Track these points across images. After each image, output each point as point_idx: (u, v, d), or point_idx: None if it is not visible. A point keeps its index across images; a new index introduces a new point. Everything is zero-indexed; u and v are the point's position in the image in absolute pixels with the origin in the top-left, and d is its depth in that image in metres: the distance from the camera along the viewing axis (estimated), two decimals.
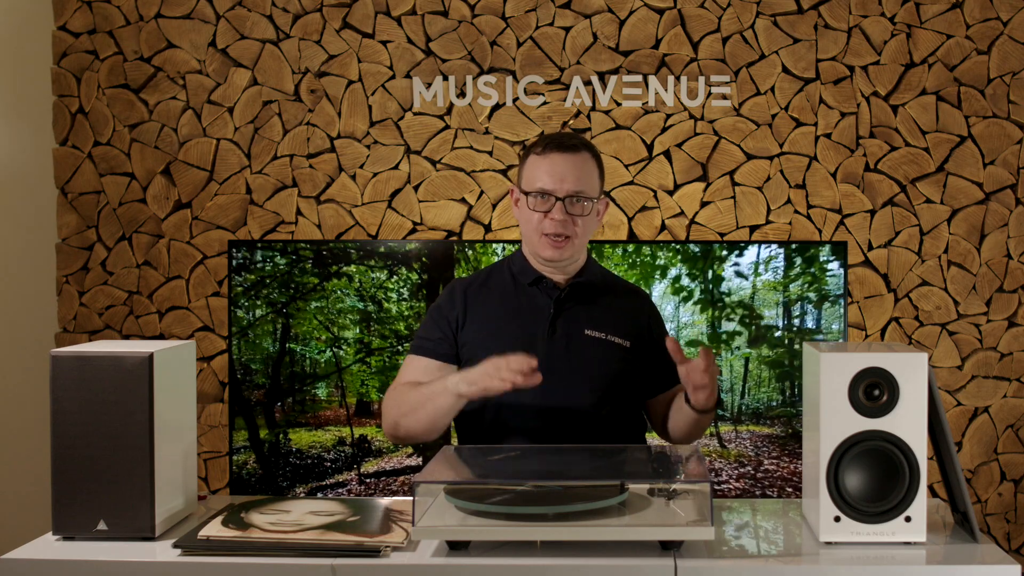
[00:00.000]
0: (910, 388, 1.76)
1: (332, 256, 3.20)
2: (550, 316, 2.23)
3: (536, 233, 2.20)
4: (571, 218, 2.18)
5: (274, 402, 3.22)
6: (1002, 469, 3.41)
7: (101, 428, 1.81)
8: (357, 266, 3.19)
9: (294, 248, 3.22)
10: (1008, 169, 3.38)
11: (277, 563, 1.71)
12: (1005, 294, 3.40)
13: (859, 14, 3.37)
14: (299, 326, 3.19)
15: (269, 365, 3.20)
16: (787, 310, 3.18)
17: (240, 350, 3.21)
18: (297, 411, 3.22)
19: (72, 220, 3.51)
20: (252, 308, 3.18)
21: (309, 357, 3.21)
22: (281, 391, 3.21)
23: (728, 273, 3.16)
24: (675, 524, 1.72)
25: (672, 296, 3.14)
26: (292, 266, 3.17)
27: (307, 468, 3.20)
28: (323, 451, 3.21)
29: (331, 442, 3.22)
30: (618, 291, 2.34)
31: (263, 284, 3.15)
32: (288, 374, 3.21)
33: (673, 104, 3.40)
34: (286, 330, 3.19)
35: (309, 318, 3.17)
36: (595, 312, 2.26)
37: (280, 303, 3.16)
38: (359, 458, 3.21)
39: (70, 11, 3.48)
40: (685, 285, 3.16)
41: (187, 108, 3.47)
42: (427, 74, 3.43)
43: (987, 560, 1.72)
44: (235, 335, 3.20)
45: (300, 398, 3.23)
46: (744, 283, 3.16)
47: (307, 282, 3.16)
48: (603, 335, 2.23)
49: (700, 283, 3.16)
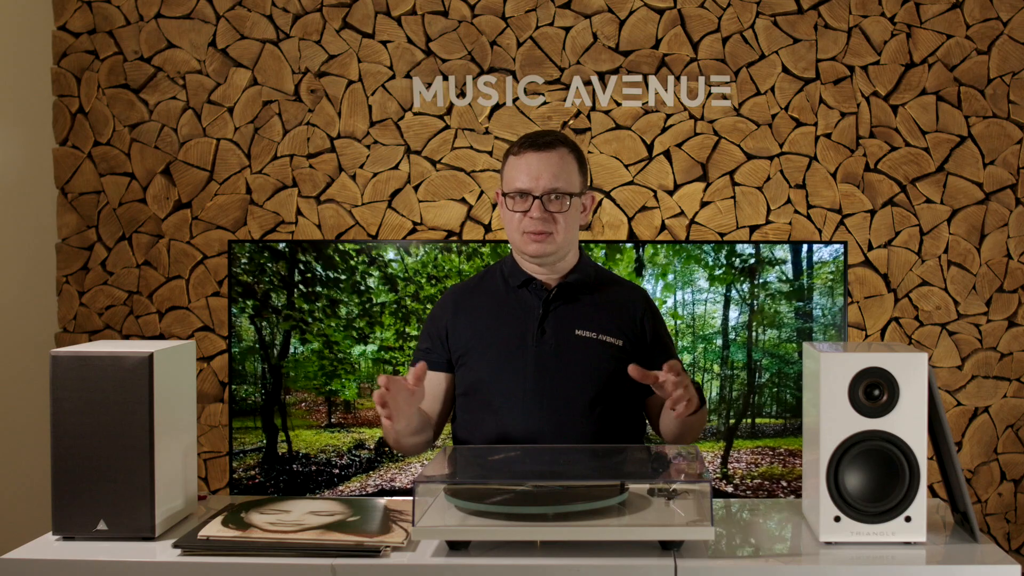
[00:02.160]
0: (910, 388, 1.75)
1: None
2: (539, 317, 2.23)
3: (518, 232, 2.22)
4: (550, 215, 2.19)
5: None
6: (1002, 469, 3.41)
7: (101, 428, 1.81)
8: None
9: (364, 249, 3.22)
10: (1008, 169, 3.38)
11: (277, 563, 1.71)
12: (1005, 294, 3.40)
13: (859, 14, 3.37)
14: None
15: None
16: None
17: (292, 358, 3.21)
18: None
19: (72, 220, 3.51)
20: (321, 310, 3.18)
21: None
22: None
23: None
24: (675, 524, 1.72)
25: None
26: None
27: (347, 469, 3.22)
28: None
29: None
30: (611, 289, 2.33)
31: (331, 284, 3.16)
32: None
33: (673, 104, 3.40)
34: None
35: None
36: (586, 311, 2.25)
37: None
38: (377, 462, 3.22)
39: (70, 11, 3.48)
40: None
41: (187, 108, 3.47)
42: (427, 74, 3.43)
43: (987, 560, 1.72)
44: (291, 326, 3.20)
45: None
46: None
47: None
48: (594, 335, 2.23)
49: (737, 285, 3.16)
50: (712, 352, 3.17)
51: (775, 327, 3.18)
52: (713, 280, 3.17)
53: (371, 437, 3.23)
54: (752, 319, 3.16)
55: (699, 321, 3.18)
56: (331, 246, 3.24)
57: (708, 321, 3.18)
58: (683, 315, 3.18)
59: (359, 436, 3.23)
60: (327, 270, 3.22)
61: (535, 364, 2.20)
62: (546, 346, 2.21)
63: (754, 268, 3.15)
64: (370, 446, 3.23)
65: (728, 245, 3.21)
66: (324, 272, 3.22)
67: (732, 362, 3.18)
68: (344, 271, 3.20)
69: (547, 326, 2.23)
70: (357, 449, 3.23)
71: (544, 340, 2.22)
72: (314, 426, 3.23)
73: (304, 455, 3.23)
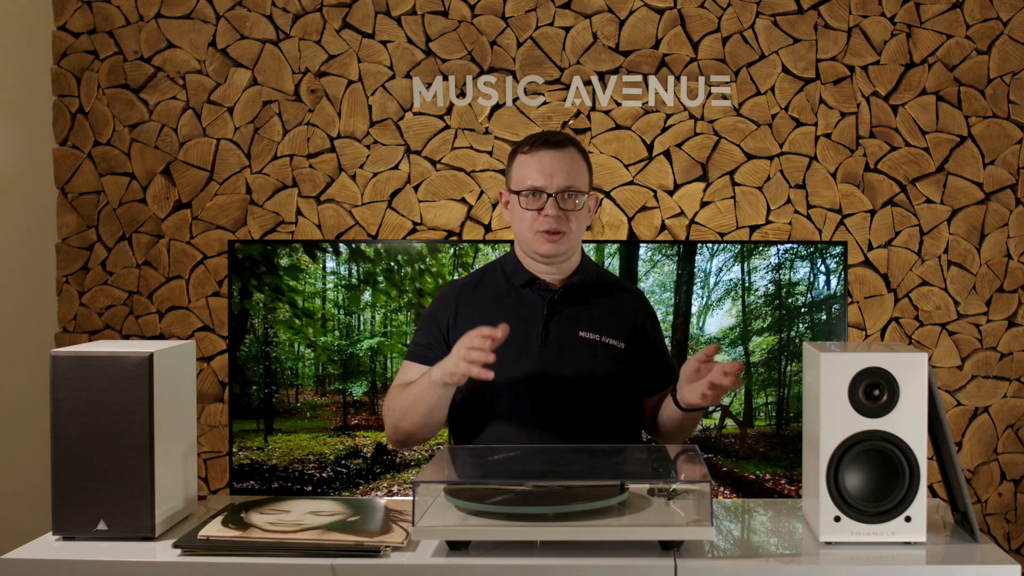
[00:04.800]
0: (910, 388, 1.75)
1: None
2: (543, 318, 2.23)
3: (530, 231, 2.20)
4: (564, 213, 2.18)
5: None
6: (1002, 469, 3.41)
7: (101, 428, 1.81)
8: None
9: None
10: (1008, 169, 3.38)
11: (277, 563, 1.71)
12: (1005, 294, 3.40)
13: (859, 14, 3.37)
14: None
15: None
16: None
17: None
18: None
19: (72, 220, 3.51)
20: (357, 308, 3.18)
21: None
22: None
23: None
24: (675, 524, 1.72)
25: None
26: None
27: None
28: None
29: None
30: (613, 291, 2.33)
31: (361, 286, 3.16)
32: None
33: (673, 104, 3.40)
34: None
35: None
36: (590, 313, 2.25)
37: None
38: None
39: (70, 11, 3.48)
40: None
41: (187, 108, 3.47)
42: (427, 74, 3.43)
43: (987, 560, 1.72)
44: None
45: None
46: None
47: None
48: (597, 336, 2.23)
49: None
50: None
51: (775, 328, 3.18)
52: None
53: (373, 442, 3.23)
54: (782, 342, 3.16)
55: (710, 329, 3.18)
56: (331, 246, 3.24)
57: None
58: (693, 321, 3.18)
59: (361, 442, 3.23)
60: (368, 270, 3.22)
61: (538, 365, 2.19)
62: (550, 347, 2.21)
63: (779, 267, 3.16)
64: (366, 453, 3.22)
65: (740, 245, 3.22)
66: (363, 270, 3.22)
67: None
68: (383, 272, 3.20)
69: (551, 327, 2.22)
70: (350, 458, 3.22)
71: (548, 341, 2.21)
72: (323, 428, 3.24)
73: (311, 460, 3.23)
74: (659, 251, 3.19)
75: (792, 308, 3.18)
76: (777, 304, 3.18)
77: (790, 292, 3.17)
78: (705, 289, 3.16)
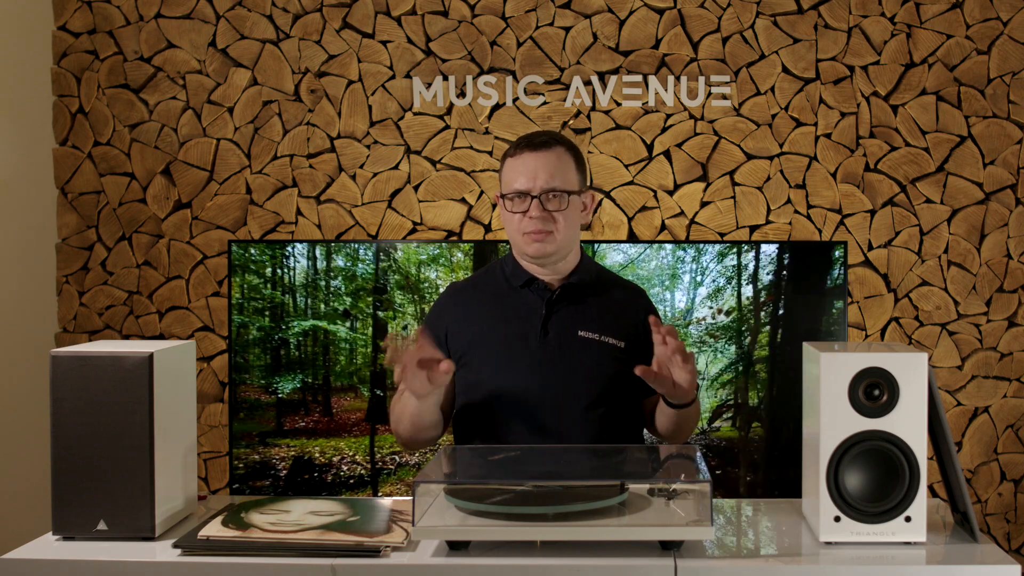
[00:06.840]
0: (910, 388, 1.75)
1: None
2: (542, 318, 2.23)
3: (518, 233, 2.21)
4: (549, 214, 2.18)
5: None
6: (1002, 469, 3.41)
7: (101, 428, 1.81)
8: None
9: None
10: (1008, 169, 3.38)
11: (277, 563, 1.71)
12: (1005, 294, 3.40)
13: (859, 14, 3.37)
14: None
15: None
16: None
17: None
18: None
19: (72, 220, 3.51)
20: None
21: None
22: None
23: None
24: (675, 524, 1.72)
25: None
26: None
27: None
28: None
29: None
30: (613, 290, 2.33)
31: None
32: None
33: (673, 104, 3.40)
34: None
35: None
36: (589, 313, 2.25)
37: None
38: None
39: (70, 11, 3.48)
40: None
41: (187, 108, 3.47)
42: (427, 74, 3.43)
43: (987, 560, 1.72)
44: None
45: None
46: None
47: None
48: (597, 336, 2.23)
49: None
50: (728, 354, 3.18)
51: (778, 327, 3.18)
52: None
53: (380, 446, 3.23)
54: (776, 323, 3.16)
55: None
56: (332, 245, 3.24)
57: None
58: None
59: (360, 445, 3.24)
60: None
61: (537, 365, 2.19)
62: (549, 347, 2.21)
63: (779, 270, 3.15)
64: (359, 459, 3.22)
65: (740, 245, 3.22)
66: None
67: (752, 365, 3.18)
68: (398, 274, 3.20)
69: (550, 327, 2.23)
70: (347, 462, 3.23)
71: (547, 341, 2.21)
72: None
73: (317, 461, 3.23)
74: (659, 251, 3.19)
75: (792, 308, 3.18)
76: (777, 304, 3.18)
77: (790, 292, 3.17)
78: (705, 289, 3.16)
